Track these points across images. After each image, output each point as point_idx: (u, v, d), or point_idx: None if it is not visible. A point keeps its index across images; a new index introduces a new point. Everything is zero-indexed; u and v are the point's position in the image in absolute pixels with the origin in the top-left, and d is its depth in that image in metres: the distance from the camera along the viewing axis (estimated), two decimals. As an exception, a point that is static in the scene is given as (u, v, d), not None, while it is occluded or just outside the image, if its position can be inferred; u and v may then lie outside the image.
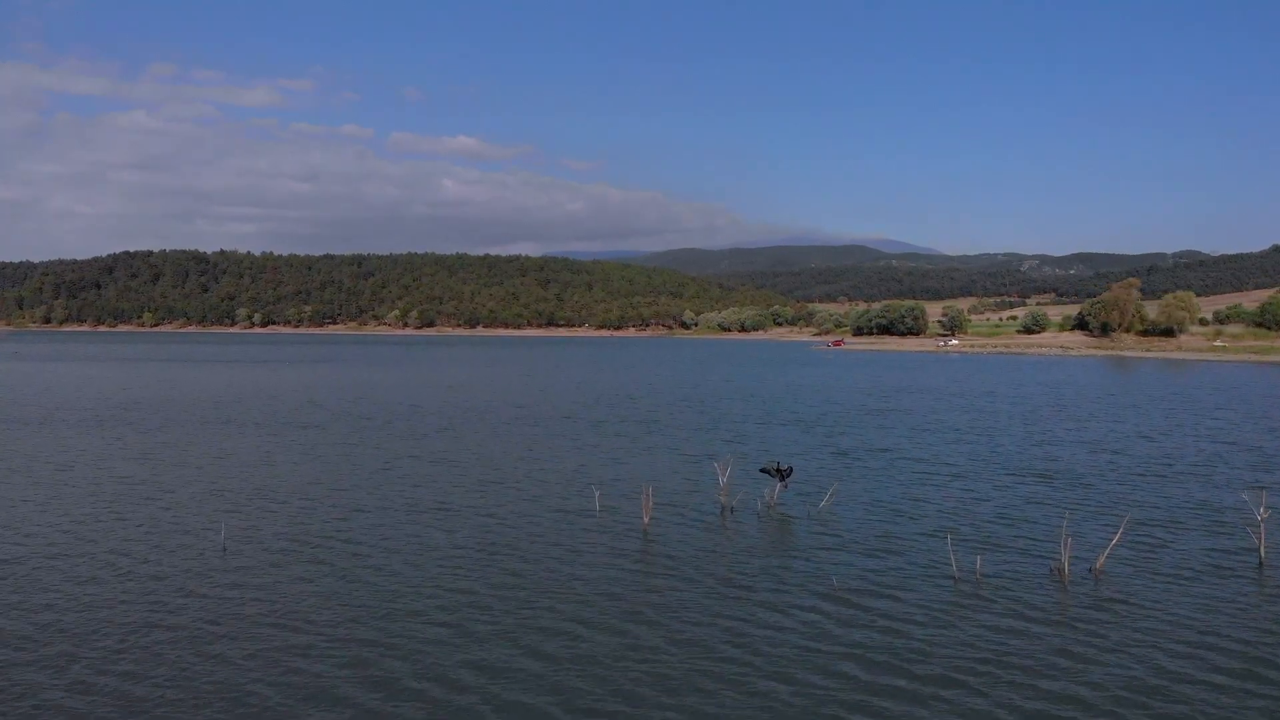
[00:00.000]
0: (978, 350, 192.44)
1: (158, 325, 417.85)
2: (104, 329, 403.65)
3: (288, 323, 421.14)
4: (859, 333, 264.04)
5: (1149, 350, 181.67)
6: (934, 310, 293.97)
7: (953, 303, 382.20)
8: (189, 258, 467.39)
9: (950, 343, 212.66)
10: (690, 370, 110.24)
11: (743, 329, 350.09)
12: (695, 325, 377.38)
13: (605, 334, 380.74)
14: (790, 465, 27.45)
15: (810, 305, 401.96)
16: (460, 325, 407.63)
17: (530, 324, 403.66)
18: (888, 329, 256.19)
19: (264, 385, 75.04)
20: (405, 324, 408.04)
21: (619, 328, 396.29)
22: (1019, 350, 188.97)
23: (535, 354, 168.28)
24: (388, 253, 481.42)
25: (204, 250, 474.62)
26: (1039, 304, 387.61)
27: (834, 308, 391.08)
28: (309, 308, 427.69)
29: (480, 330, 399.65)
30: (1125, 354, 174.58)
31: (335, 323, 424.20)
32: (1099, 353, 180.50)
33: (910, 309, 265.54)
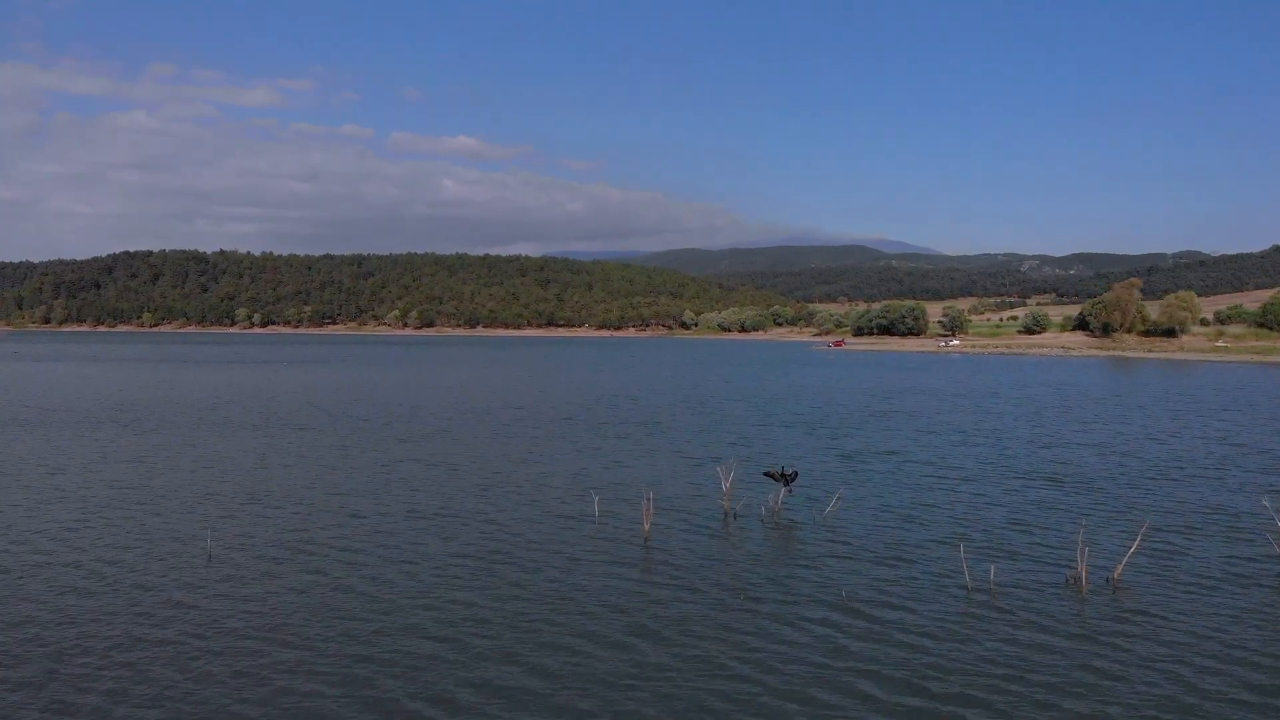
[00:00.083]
0: (979, 351, 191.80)
1: (157, 325, 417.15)
2: (103, 329, 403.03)
3: (287, 323, 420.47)
4: (859, 333, 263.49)
5: (1151, 351, 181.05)
6: (934, 310, 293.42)
7: (953, 303, 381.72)
8: (189, 258, 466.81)
9: (951, 343, 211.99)
10: (690, 371, 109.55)
11: (743, 329, 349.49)
12: (695, 325, 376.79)
13: (605, 334, 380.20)
14: (795, 470, 26.79)
15: (810, 305, 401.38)
16: (460, 325, 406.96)
17: (530, 324, 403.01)
18: (888, 329, 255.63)
19: (261, 386, 74.38)
20: (405, 324, 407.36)
21: (619, 328, 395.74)
22: (1020, 351, 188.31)
23: (535, 354, 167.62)
24: (387, 253, 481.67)
25: (204, 250, 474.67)
26: (1039, 304, 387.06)
27: (834, 308, 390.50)
28: (309, 308, 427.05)
29: (480, 330, 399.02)
30: (1127, 354, 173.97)
31: (335, 323, 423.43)
32: (1101, 353, 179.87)
33: (911, 309, 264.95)
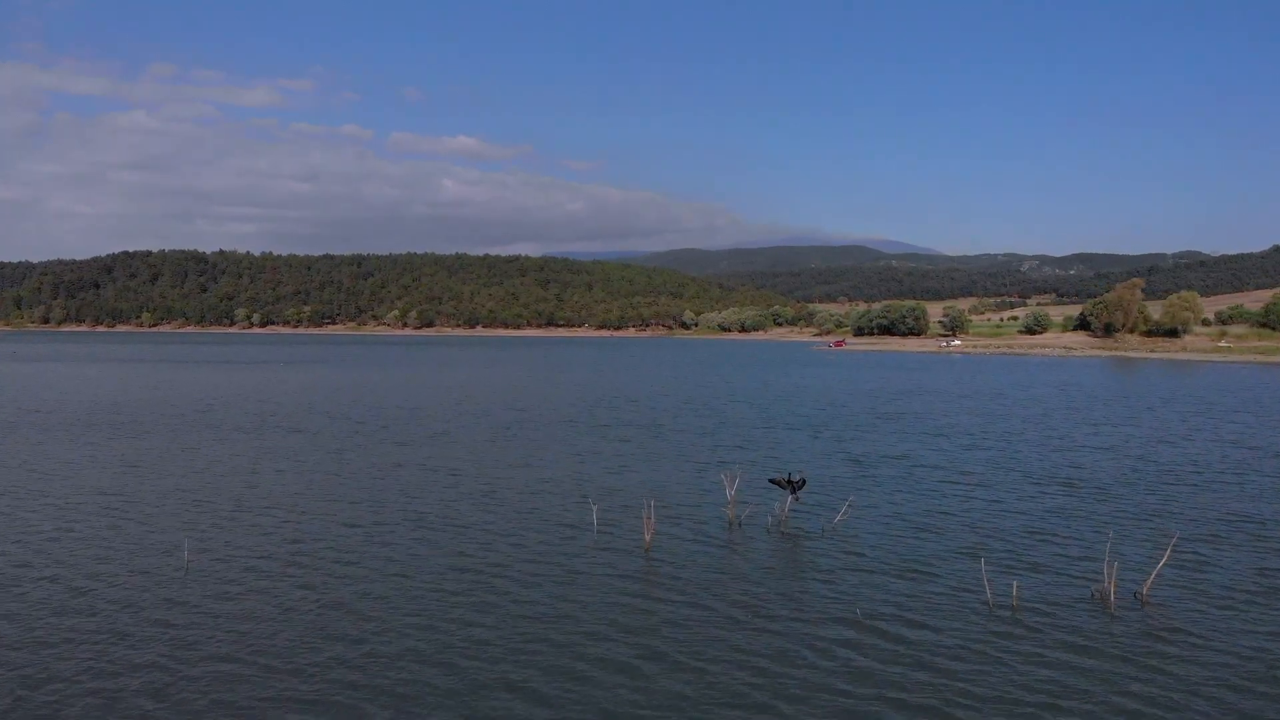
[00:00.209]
0: (980, 351, 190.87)
1: (156, 325, 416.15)
2: (102, 329, 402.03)
3: (286, 323, 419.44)
4: (860, 333, 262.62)
5: (1153, 351, 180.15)
6: (935, 310, 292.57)
7: (953, 303, 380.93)
8: (188, 258, 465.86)
9: (952, 343, 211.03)
10: (691, 371, 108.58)
11: (743, 329, 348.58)
12: (695, 325, 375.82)
13: (605, 334, 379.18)
14: (803, 476, 25.80)
15: (810, 305, 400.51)
16: (460, 325, 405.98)
17: (530, 324, 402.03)
18: (889, 329, 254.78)
19: (257, 387, 73.38)
20: (404, 324, 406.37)
21: (619, 328, 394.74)
22: (1022, 351, 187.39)
23: (535, 354, 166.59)
24: (387, 253, 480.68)
25: (203, 250, 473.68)
26: (1039, 304, 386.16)
27: (834, 308, 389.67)
28: (308, 308, 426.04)
29: (480, 330, 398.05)
30: (1130, 355, 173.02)
31: (334, 323, 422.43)
32: (1103, 353, 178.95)
33: (911, 309, 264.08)
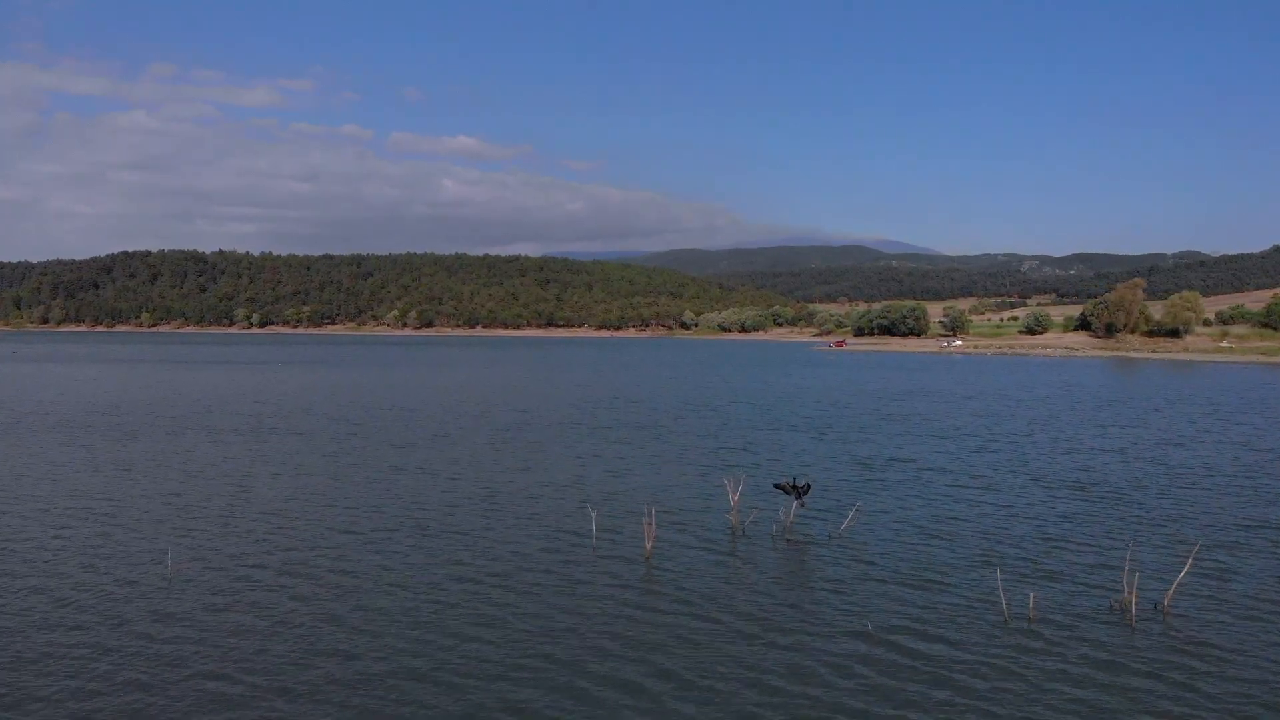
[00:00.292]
0: (981, 351, 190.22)
1: (155, 325, 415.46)
2: (101, 329, 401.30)
3: (286, 323, 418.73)
4: (860, 333, 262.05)
5: (1155, 351, 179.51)
6: (935, 311, 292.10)
7: (953, 303, 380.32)
8: (187, 258, 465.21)
9: (953, 343, 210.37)
10: (691, 371, 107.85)
11: (743, 329, 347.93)
12: (695, 326, 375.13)
13: (605, 334, 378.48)
14: (808, 482, 25.08)
15: (810, 306, 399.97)
16: (459, 326, 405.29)
17: (530, 324, 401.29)
18: (889, 329, 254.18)
19: (254, 388, 72.66)
20: (404, 324, 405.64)
21: (619, 328, 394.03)
22: (1023, 351, 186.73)
23: (534, 355, 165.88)
24: (387, 253, 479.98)
25: (203, 250, 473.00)
26: (1040, 304, 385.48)
27: (834, 308, 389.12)
28: (307, 308, 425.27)
29: (479, 330, 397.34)
30: (1131, 355, 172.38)
31: (334, 323, 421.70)
32: (1104, 353, 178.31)
33: (912, 309, 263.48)
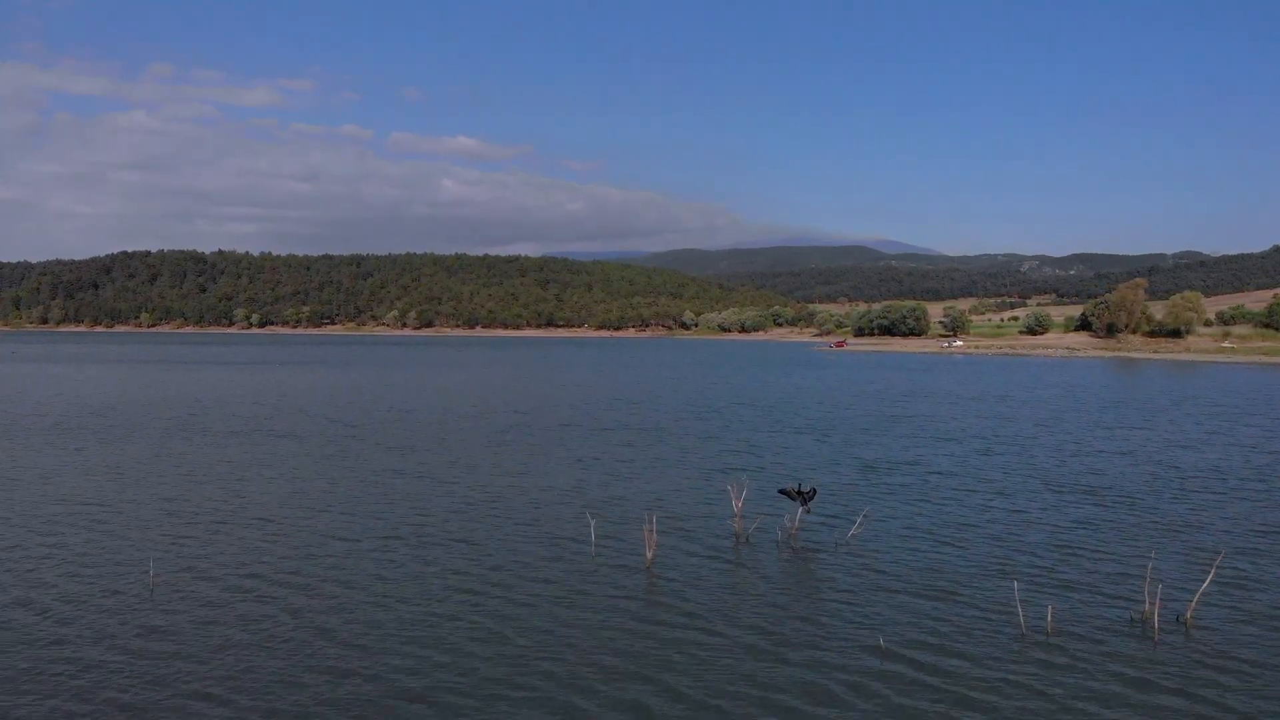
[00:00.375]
0: (982, 351, 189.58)
1: (155, 326, 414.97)
2: (101, 329, 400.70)
3: (285, 323, 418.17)
4: (860, 333, 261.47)
5: (1157, 352, 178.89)
6: (935, 311, 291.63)
7: (953, 303, 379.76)
8: (187, 258, 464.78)
9: (954, 344, 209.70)
10: (692, 372, 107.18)
11: (743, 330, 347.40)
12: (695, 326, 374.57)
13: (605, 334, 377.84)
14: (813, 487, 24.38)
15: (810, 306, 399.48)
16: (459, 326, 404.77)
17: (529, 324, 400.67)
18: (889, 330, 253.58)
19: (251, 389, 71.97)
20: (404, 324, 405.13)
21: (619, 328, 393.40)
22: (1025, 352, 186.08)
23: (534, 355, 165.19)
24: (386, 253, 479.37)
25: (202, 250, 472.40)
26: (1040, 305, 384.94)
27: (834, 308, 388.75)
28: (307, 308, 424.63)
29: (479, 331, 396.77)
30: (1133, 355, 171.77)
31: (333, 323, 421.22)
32: (1106, 354, 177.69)
33: (912, 309, 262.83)
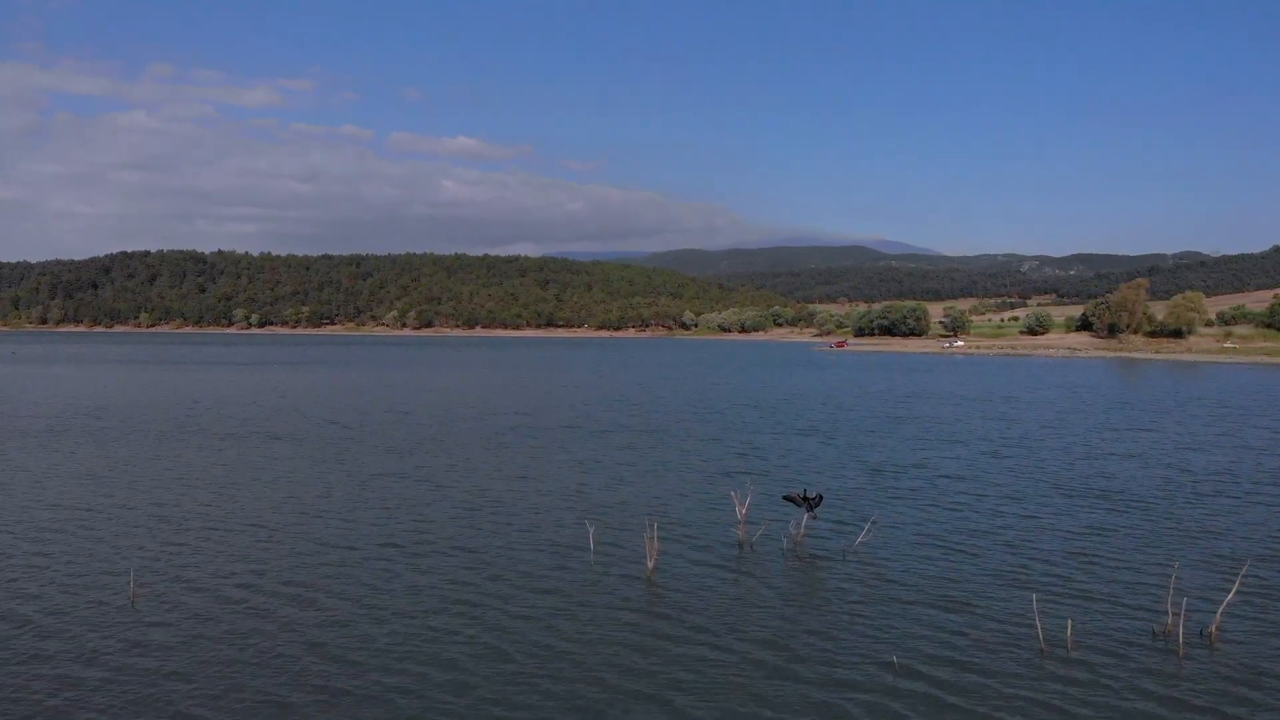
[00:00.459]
0: (983, 352, 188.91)
1: (154, 326, 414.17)
2: (100, 329, 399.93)
3: (285, 323, 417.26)
4: (861, 333, 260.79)
5: (1159, 352, 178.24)
6: (935, 311, 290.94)
7: (953, 303, 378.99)
8: (186, 258, 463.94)
9: (955, 344, 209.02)
10: (692, 372, 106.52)
11: (743, 330, 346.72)
12: (695, 326, 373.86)
13: (605, 335, 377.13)
14: (819, 493, 23.72)
15: (811, 306, 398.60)
16: (459, 326, 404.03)
17: (529, 325, 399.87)
18: (890, 330, 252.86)
19: (247, 389, 71.31)
20: (403, 324, 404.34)
21: (618, 328, 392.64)
22: (1026, 352, 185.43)
23: (534, 355, 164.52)
24: (386, 253, 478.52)
25: (202, 250, 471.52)
26: (1040, 305, 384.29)
27: (834, 308, 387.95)
28: (306, 308, 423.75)
29: (479, 331, 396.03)
30: (1135, 356, 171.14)
31: (333, 323, 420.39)
32: (1108, 354, 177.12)
33: (912, 309, 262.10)
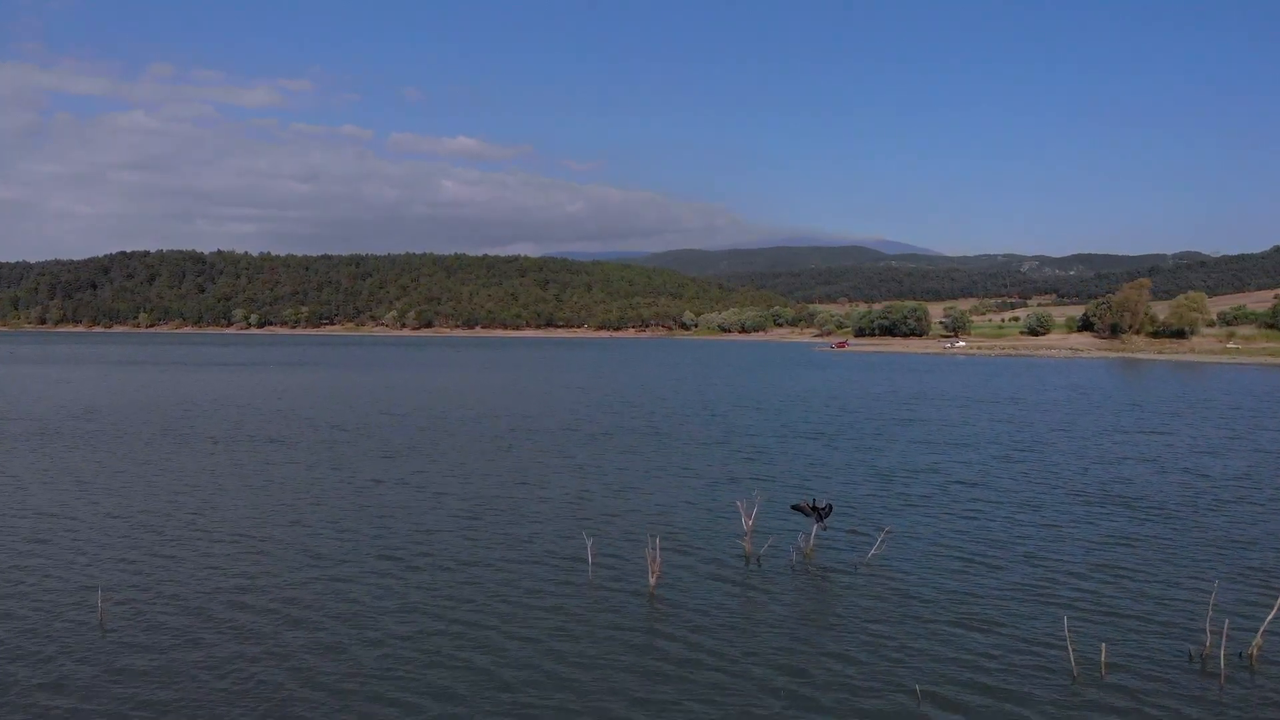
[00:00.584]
0: (984, 352, 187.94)
1: (153, 326, 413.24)
2: (99, 330, 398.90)
3: (284, 324, 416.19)
4: (861, 334, 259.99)
5: (1161, 352, 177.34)
6: (935, 311, 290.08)
7: (953, 304, 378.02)
8: (186, 258, 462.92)
9: (956, 344, 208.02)
10: (693, 373, 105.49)
11: (743, 330, 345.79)
12: (695, 326, 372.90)
13: (605, 335, 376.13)
14: (829, 503, 22.69)
15: (811, 306, 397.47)
16: (458, 326, 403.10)
17: (529, 325, 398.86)
18: (890, 330, 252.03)
19: (243, 391, 70.28)
20: (403, 325, 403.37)
21: (618, 329, 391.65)
22: (1028, 352, 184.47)
23: (533, 356, 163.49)
24: (385, 253, 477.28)
25: (202, 250, 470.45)
26: (1040, 305, 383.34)
27: (834, 308, 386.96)
28: (306, 309, 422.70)
29: (478, 331, 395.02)
30: (1138, 356, 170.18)
31: (332, 323, 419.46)
32: (1110, 354, 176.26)
33: (913, 310, 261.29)
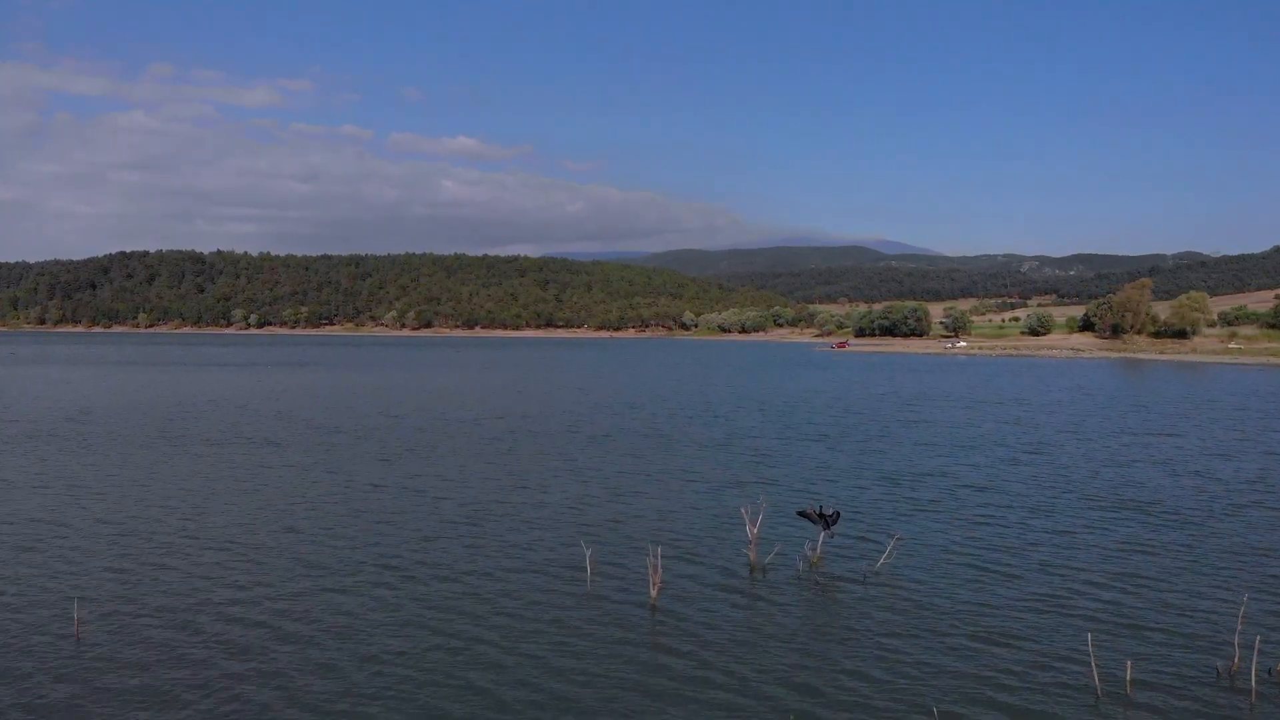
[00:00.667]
0: (985, 353, 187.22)
1: (153, 326, 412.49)
2: (99, 330, 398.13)
3: (284, 324, 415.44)
4: (861, 334, 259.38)
5: (1163, 353, 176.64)
6: (936, 311, 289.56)
7: (953, 304, 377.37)
8: (185, 258, 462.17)
9: (957, 344, 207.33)
10: (694, 373, 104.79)
11: (743, 330, 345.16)
12: (695, 326, 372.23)
13: (604, 335, 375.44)
14: (836, 510, 22.00)
15: (811, 306, 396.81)
16: (458, 326, 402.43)
17: (529, 325, 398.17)
18: (890, 330, 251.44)
19: (241, 391, 69.57)
20: (403, 325, 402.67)
21: (618, 329, 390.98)
22: (1029, 352, 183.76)
23: (533, 356, 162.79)
24: (386, 253, 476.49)
25: (202, 250, 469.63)
26: (1040, 305, 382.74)
27: (834, 309, 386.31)
28: (305, 309, 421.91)
29: (478, 331, 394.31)
30: (1139, 356, 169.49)
31: (332, 323, 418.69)
32: (1112, 355, 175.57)
33: (913, 310, 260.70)
